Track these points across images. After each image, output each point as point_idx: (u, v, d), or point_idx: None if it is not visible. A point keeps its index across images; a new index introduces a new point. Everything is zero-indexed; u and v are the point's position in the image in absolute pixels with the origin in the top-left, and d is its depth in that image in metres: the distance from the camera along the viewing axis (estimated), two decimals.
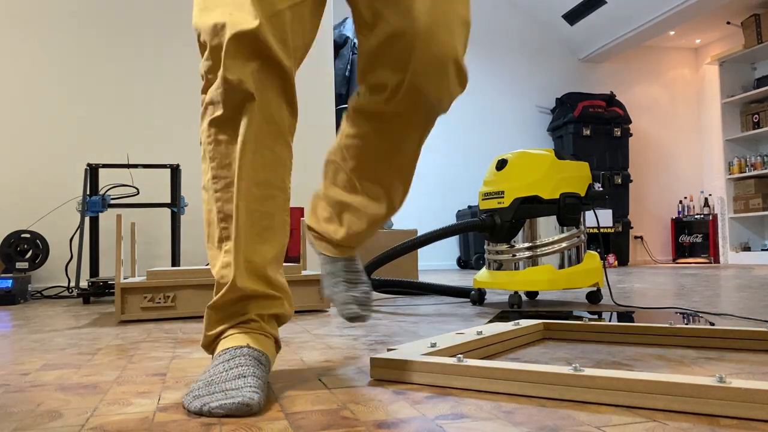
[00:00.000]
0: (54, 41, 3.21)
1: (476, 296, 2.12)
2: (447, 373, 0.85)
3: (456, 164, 6.35)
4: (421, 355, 0.92)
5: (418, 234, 3.07)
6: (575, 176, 1.99)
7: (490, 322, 1.37)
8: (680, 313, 1.69)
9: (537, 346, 1.19)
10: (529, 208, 1.95)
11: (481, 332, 1.14)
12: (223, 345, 0.85)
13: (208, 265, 3.23)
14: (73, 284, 2.96)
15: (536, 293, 2.30)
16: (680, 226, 6.60)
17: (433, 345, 0.99)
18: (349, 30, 4.33)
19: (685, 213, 6.63)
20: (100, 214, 2.72)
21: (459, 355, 0.87)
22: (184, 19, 3.41)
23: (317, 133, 3.60)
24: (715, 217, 6.23)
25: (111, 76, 3.28)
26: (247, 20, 0.80)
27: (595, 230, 4.01)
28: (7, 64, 3.14)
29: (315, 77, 3.61)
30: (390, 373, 0.90)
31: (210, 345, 0.89)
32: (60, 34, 3.22)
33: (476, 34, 6.54)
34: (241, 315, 0.87)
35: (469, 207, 6.06)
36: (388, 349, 0.98)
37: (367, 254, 3.32)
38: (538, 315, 1.73)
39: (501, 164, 2.04)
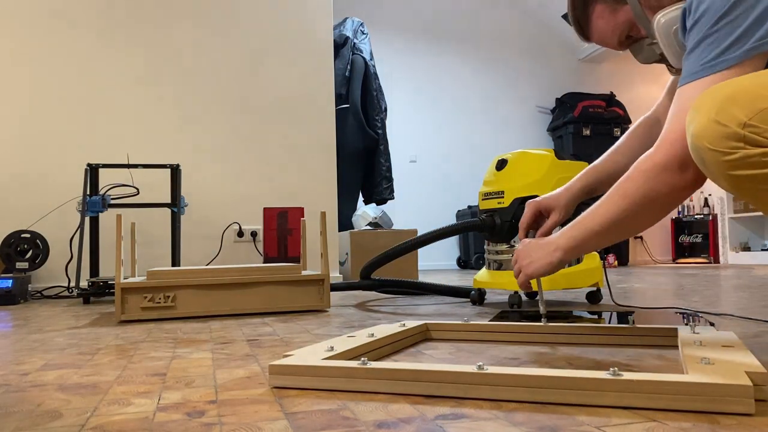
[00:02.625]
0: (54, 41, 3.21)
1: (476, 296, 2.12)
2: (352, 377, 0.84)
3: (456, 164, 6.35)
4: (322, 359, 0.90)
5: (418, 234, 3.07)
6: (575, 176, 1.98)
7: (492, 321, 1.37)
8: (680, 313, 1.69)
9: (537, 347, 1.20)
10: None
11: (372, 334, 1.15)
12: None
13: (208, 264, 3.24)
14: (73, 284, 2.96)
15: (536, 293, 2.30)
16: (680, 226, 6.60)
17: (331, 348, 0.98)
18: (349, 30, 4.33)
19: (685, 213, 6.63)
20: (100, 214, 2.72)
21: (363, 358, 0.87)
22: (185, 20, 3.41)
23: (317, 133, 3.60)
24: (714, 217, 6.23)
25: (111, 76, 3.28)
26: None
27: None
28: (7, 64, 3.14)
29: (315, 77, 3.61)
30: (290, 380, 0.87)
31: None
32: (60, 34, 3.22)
33: (476, 34, 6.54)
34: None
35: (469, 207, 6.07)
36: (285, 355, 0.95)
37: (367, 254, 3.32)
38: (538, 315, 1.73)
39: (501, 164, 2.04)
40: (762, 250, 5.97)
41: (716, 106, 0.81)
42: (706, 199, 6.42)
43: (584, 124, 6.11)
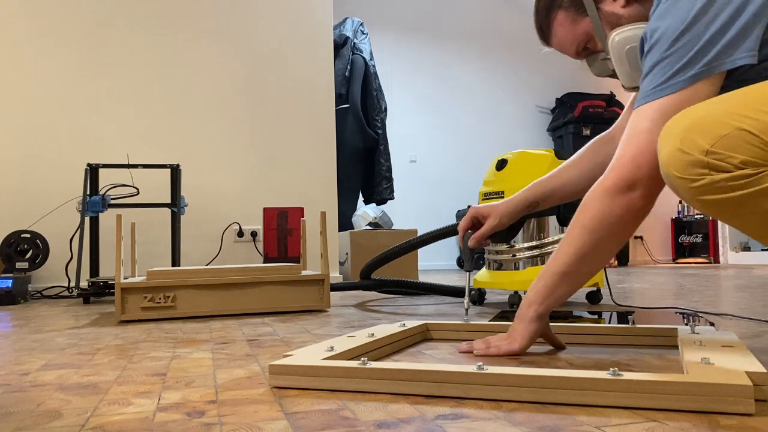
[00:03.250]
0: (54, 41, 3.21)
1: (476, 296, 2.12)
2: (352, 377, 0.84)
3: (456, 164, 6.35)
4: (322, 359, 0.90)
5: (418, 234, 3.07)
6: None
7: (492, 321, 1.37)
8: (680, 313, 1.69)
9: (537, 347, 1.20)
10: None
11: (372, 334, 1.15)
12: None
13: (208, 264, 3.24)
14: (73, 284, 2.96)
15: None
16: (680, 226, 6.60)
17: (331, 348, 0.98)
18: (349, 30, 4.33)
19: (685, 213, 6.63)
20: (100, 214, 2.72)
21: (363, 358, 0.87)
22: (185, 19, 3.41)
23: (317, 133, 3.60)
24: None
25: (111, 76, 3.28)
26: None
27: None
28: (7, 64, 3.14)
29: (315, 77, 3.61)
30: (290, 380, 0.87)
31: None
32: (60, 35, 3.22)
33: (476, 34, 6.54)
34: None
35: (469, 207, 6.07)
36: (285, 355, 0.95)
37: (367, 254, 3.32)
38: None
39: (501, 164, 2.04)
40: (762, 250, 5.97)
41: (680, 135, 0.83)
42: None
43: (584, 124, 6.11)
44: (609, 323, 1.44)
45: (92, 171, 2.73)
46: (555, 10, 1.15)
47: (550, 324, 1.24)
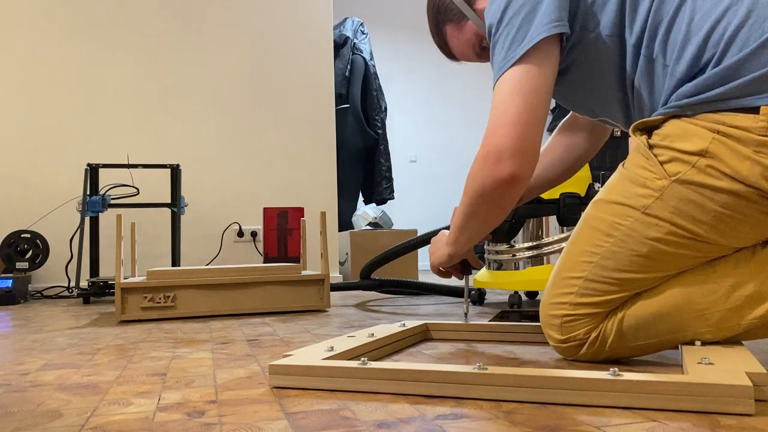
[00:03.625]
0: (53, 41, 3.21)
1: (476, 296, 2.12)
2: (352, 377, 0.84)
3: (456, 164, 6.35)
4: (322, 359, 0.90)
5: (418, 234, 3.07)
6: (575, 176, 1.98)
7: (492, 321, 1.37)
8: None
9: (537, 347, 1.20)
10: (529, 208, 1.95)
11: (372, 334, 1.15)
12: None
13: (208, 264, 3.24)
14: (73, 284, 2.96)
15: (536, 293, 2.30)
16: None
17: (331, 348, 0.98)
18: (349, 30, 4.33)
19: None
20: (100, 214, 2.72)
21: (363, 358, 0.87)
22: (186, 20, 3.41)
23: (317, 133, 3.60)
24: None
25: (111, 76, 3.28)
26: None
27: None
28: (7, 64, 3.14)
29: (315, 77, 3.61)
30: (290, 380, 0.87)
31: None
32: (60, 34, 3.22)
33: None
34: None
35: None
36: (285, 355, 0.95)
37: (367, 254, 3.32)
38: (537, 315, 1.73)
39: None
40: None
41: (556, 329, 1.00)
42: None
43: None
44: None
45: (92, 171, 2.73)
46: (443, 26, 1.21)
47: None
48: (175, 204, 2.78)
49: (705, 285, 0.91)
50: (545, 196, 1.94)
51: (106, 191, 2.67)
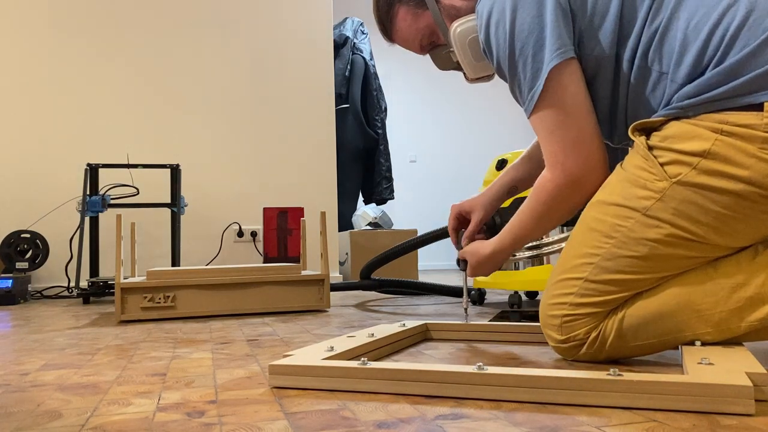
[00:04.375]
0: (54, 41, 3.21)
1: (476, 296, 2.12)
2: (352, 377, 0.84)
3: (456, 164, 6.35)
4: (322, 359, 0.90)
5: (418, 234, 3.07)
6: None
7: (492, 321, 1.37)
8: None
9: (537, 347, 1.20)
10: None
11: (372, 334, 1.15)
12: None
13: (208, 264, 3.24)
14: (73, 284, 2.96)
15: (536, 293, 2.30)
16: None
17: (331, 348, 0.98)
18: (349, 30, 4.33)
19: None
20: (100, 214, 2.72)
21: (363, 358, 0.87)
22: (186, 19, 3.41)
23: (317, 133, 3.60)
24: None
25: (111, 76, 3.28)
26: None
27: None
28: (7, 64, 3.14)
29: (315, 77, 3.61)
30: (290, 380, 0.87)
31: None
32: (60, 34, 3.22)
33: None
34: None
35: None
36: (285, 355, 0.95)
37: (367, 254, 3.32)
38: (538, 315, 1.73)
39: (501, 164, 2.04)
40: None
41: (555, 329, 1.00)
42: None
43: None
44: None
45: (92, 171, 2.73)
46: (396, 5, 1.18)
47: None
48: (175, 204, 2.78)
49: (706, 286, 0.91)
50: None
51: (106, 191, 2.67)
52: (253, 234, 3.41)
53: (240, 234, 3.39)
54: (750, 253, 0.91)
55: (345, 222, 4.02)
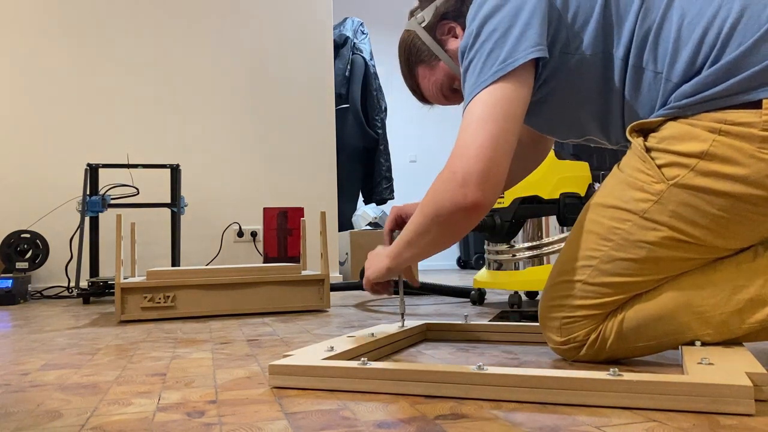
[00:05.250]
0: (53, 41, 3.21)
1: (476, 296, 2.12)
2: (352, 377, 0.84)
3: None
4: (322, 359, 0.90)
5: None
6: (575, 176, 1.99)
7: (492, 321, 1.37)
8: None
9: (537, 347, 1.20)
10: (529, 208, 1.95)
11: (372, 334, 1.15)
12: None
13: (208, 264, 3.24)
14: (73, 284, 2.96)
15: (536, 293, 2.30)
16: None
17: (331, 348, 0.98)
18: (349, 30, 4.33)
19: None
20: (100, 214, 2.72)
21: (363, 358, 0.87)
22: (186, 20, 3.41)
23: (317, 133, 3.60)
24: None
25: (111, 76, 3.28)
26: None
27: None
28: (6, 64, 3.14)
29: (315, 77, 3.61)
30: (290, 380, 0.87)
31: None
32: (60, 34, 3.22)
33: None
34: None
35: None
36: (285, 355, 0.95)
37: (366, 254, 3.32)
38: (537, 315, 1.73)
39: None
40: None
41: (555, 330, 1.01)
42: None
43: None
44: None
45: (92, 171, 2.73)
46: (415, 68, 1.19)
47: None
48: (175, 204, 2.78)
49: (706, 288, 0.91)
50: (545, 195, 1.94)
51: (106, 191, 2.67)
52: (253, 234, 3.41)
53: (240, 234, 3.39)
54: (750, 255, 0.91)
55: (345, 222, 4.02)
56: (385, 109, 4.45)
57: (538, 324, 1.25)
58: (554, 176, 1.95)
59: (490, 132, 0.93)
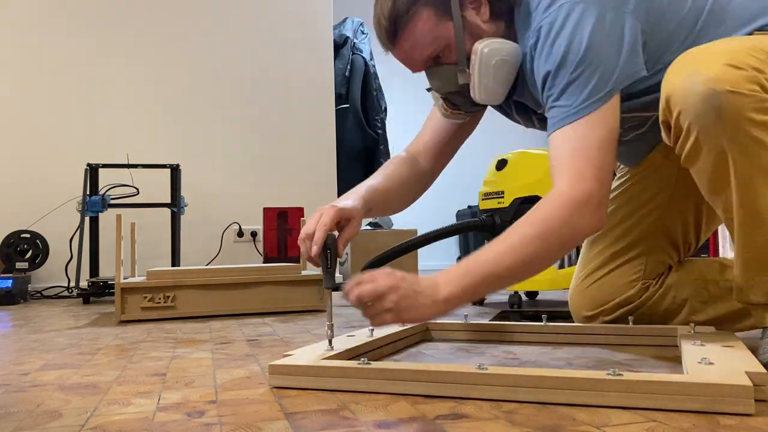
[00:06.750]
0: (54, 41, 3.21)
1: None
2: (352, 377, 0.84)
3: (456, 164, 6.34)
4: (322, 359, 0.89)
5: (418, 234, 3.07)
6: None
7: (492, 321, 1.37)
8: None
9: (537, 347, 1.20)
10: (529, 208, 1.95)
11: (372, 333, 1.15)
12: None
13: (208, 264, 3.23)
14: (73, 284, 2.96)
15: (536, 293, 2.30)
16: None
17: (331, 348, 0.98)
18: (349, 30, 4.33)
19: None
20: (100, 214, 2.72)
21: (363, 358, 0.86)
22: (186, 19, 3.41)
23: (317, 132, 3.60)
24: None
25: (111, 76, 3.28)
26: None
27: None
28: (7, 64, 3.14)
29: (315, 77, 3.61)
30: (290, 380, 0.87)
31: None
32: (60, 34, 3.22)
33: None
34: None
35: (469, 207, 6.05)
36: (285, 355, 0.95)
37: (367, 254, 3.32)
38: (537, 315, 1.73)
39: (501, 164, 2.04)
40: None
41: (724, 54, 0.84)
42: None
43: None
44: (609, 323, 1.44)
45: (92, 171, 2.73)
46: (419, 4, 1.03)
47: (548, 324, 1.24)
48: (175, 204, 2.78)
49: None
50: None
51: (106, 191, 2.67)
52: (253, 234, 3.41)
53: (240, 234, 3.39)
54: None
55: None
56: (385, 109, 4.45)
57: (538, 324, 1.25)
58: None
59: (612, 152, 0.94)
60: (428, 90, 1.22)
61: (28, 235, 2.87)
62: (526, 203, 1.95)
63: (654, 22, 0.97)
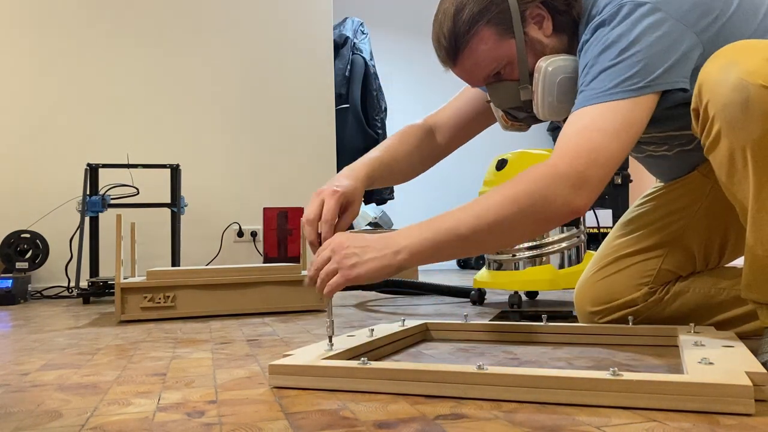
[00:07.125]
0: (54, 41, 3.21)
1: (476, 296, 2.12)
2: (352, 377, 0.84)
3: (456, 164, 6.35)
4: (322, 359, 0.89)
5: None
6: None
7: (492, 321, 1.38)
8: None
9: (537, 347, 1.20)
10: None
11: (372, 333, 1.15)
12: None
13: (208, 264, 3.23)
14: (73, 284, 2.96)
15: (536, 293, 2.30)
16: None
17: (331, 348, 0.98)
18: (349, 30, 4.33)
19: None
20: (100, 214, 2.72)
21: (363, 358, 0.86)
22: (186, 19, 3.41)
23: (317, 133, 3.60)
24: None
25: (111, 76, 3.28)
26: None
27: (595, 230, 4.04)
28: (7, 63, 3.14)
29: (315, 77, 3.61)
30: (290, 380, 0.87)
31: None
32: (60, 34, 3.22)
33: None
34: None
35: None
36: (285, 355, 0.95)
37: None
38: (537, 315, 1.73)
39: (501, 164, 2.04)
40: None
41: (765, 49, 0.82)
42: None
43: None
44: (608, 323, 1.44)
45: (92, 171, 2.73)
46: (481, 23, 1.02)
47: (548, 324, 1.24)
48: (175, 204, 2.78)
49: None
50: None
51: (106, 191, 2.67)
52: (253, 234, 3.41)
53: (240, 234, 3.39)
54: None
55: None
56: (385, 109, 4.45)
57: (538, 324, 1.25)
58: None
59: (623, 146, 0.90)
60: (488, 102, 1.20)
61: (28, 235, 2.87)
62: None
63: (719, 47, 0.93)
